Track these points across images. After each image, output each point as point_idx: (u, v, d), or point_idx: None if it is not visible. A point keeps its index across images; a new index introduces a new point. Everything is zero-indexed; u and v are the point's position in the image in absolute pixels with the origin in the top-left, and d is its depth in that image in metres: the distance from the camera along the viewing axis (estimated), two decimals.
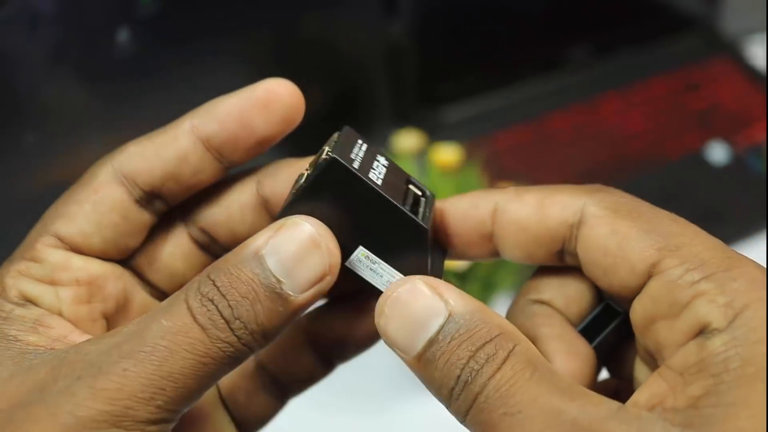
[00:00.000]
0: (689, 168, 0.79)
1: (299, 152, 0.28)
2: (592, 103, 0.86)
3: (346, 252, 0.25)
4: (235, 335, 0.22)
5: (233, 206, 0.28)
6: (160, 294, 0.28)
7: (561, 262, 0.26)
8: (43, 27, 0.54)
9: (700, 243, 0.22)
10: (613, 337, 0.26)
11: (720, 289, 0.21)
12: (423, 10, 0.77)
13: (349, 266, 0.25)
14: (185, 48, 0.61)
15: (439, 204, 0.26)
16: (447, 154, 0.73)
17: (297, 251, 0.23)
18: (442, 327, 0.22)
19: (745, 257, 0.22)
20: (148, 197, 0.26)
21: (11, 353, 0.23)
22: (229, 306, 0.22)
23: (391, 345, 0.23)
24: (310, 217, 0.24)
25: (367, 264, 0.25)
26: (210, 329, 0.22)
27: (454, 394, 0.22)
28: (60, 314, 0.25)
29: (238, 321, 0.22)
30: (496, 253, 0.27)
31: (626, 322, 0.25)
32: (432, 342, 0.22)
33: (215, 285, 0.22)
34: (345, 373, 0.32)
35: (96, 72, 0.58)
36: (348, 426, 0.62)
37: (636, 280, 0.23)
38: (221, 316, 0.22)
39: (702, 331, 0.21)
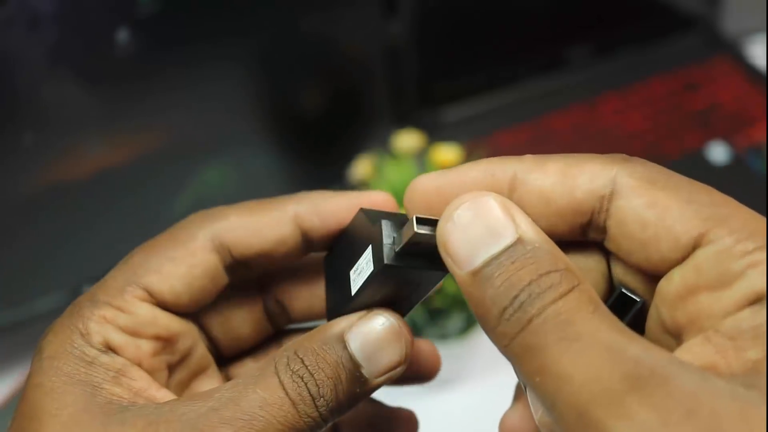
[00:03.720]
0: (689, 168, 0.78)
1: (299, 151, 0.28)
2: (592, 103, 0.86)
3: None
4: (318, 411, 0.25)
5: (314, 282, 0.30)
6: (218, 350, 0.30)
7: (583, 236, 0.24)
8: (43, 27, 0.54)
9: (745, 213, 0.21)
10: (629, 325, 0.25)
11: None
12: (423, 10, 0.77)
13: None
14: (185, 48, 0.61)
15: (446, 173, 0.25)
16: (447, 154, 0.73)
17: (379, 340, 0.25)
18: (507, 247, 0.21)
19: None
20: (237, 265, 0.28)
21: (99, 401, 0.24)
22: (317, 385, 0.25)
23: (449, 254, 0.22)
24: (390, 311, 0.26)
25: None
26: (299, 404, 0.24)
27: (506, 314, 0.20)
28: (140, 365, 0.26)
29: (322, 399, 0.25)
30: None
31: (642, 310, 0.24)
32: (493, 259, 0.21)
33: (304, 363, 0.25)
34: None
35: (95, 72, 0.58)
36: None
37: (679, 252, 0.21)
38: (309, 393, 0.24)
39: (757, 301, 0.20)
